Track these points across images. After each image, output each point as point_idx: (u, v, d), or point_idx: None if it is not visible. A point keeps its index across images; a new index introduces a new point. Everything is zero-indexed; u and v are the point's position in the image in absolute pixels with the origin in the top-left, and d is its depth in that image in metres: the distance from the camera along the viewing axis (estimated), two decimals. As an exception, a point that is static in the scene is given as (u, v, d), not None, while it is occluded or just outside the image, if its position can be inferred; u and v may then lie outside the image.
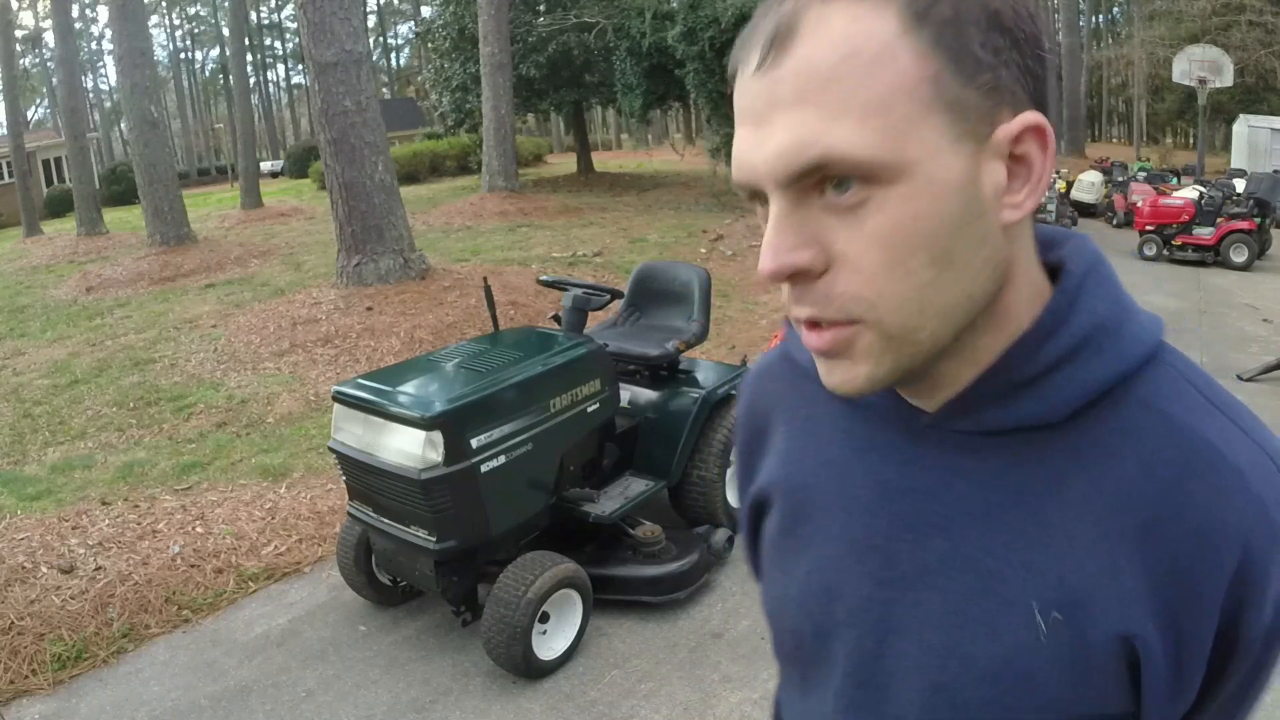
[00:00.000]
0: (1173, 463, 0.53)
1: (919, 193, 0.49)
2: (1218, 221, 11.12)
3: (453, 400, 2.77)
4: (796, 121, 0.49)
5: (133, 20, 12.42)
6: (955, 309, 0.53)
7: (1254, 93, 24.12)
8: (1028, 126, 0.52)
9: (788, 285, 0.53)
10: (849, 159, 0.48)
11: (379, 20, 63.14)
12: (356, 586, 3.29)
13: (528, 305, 7.55)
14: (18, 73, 25.71)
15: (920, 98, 0.49)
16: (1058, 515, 0.56)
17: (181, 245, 12.25)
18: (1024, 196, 0.53)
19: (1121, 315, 0.57)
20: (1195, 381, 0.57)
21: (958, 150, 0.50)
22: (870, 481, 0.63)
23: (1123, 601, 0.54)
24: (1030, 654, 0.55)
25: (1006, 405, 0.57)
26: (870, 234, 0.50)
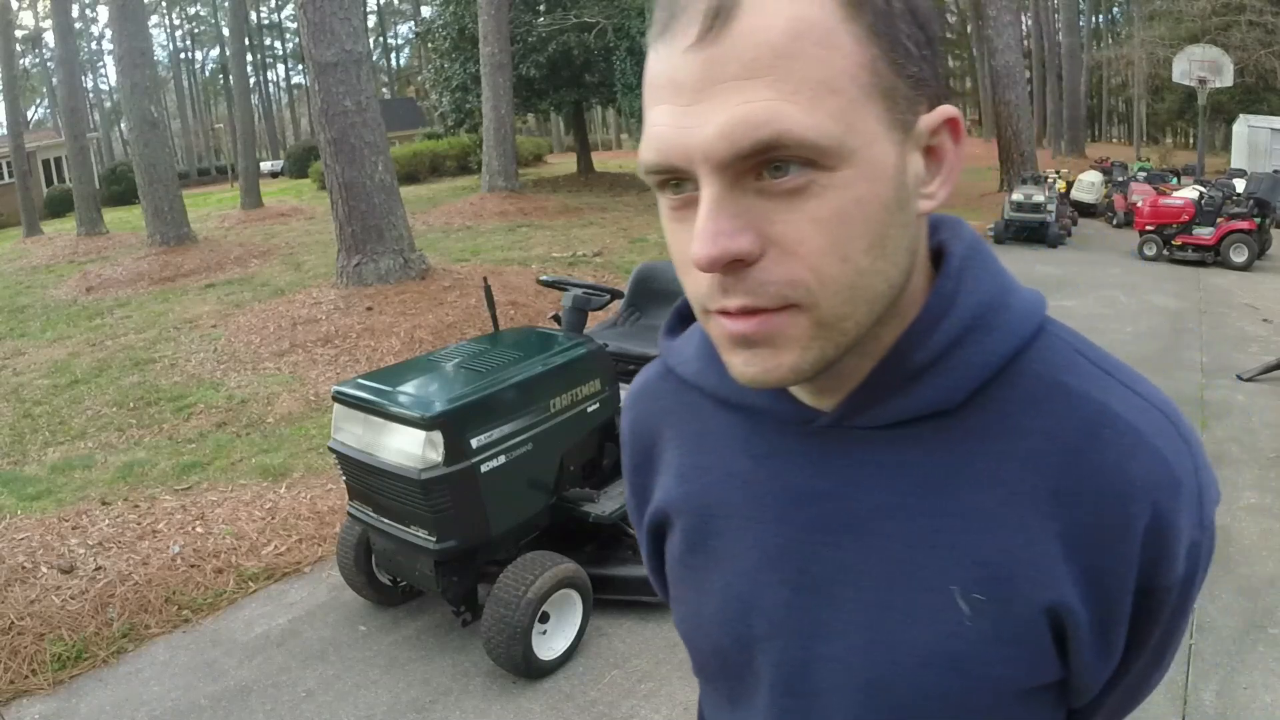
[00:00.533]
0: (1074, 430, 0.54)
1: (861, 178, 0.48)
2: (1218, 221, 11.12)
3: (453, 400, 2.77)
4: (744, 98, 0.46)
5: (133, 20, 12.42)
6: (880, 297, 0.52)
7: (1254, 93, 24.13)
8: (946, 118, 0.52)
9: (714, 277, 0.50)
10: (803, 140, 0.46)
11: (379, 20, 63.13)
12: (356, 586, 3.29)
13: (528, 305, 7.55)
14: (18, 73, 25.70)
15: (861, 83, 0.48)
16: (968, 496, 0.56)
17: (181, 245, 12.26)
18: (937, 186, 0.54)
19: (1005, 293, 0.58)
20: (1084, 350, 0.58)
21: (891, 138, 0.50)
22: (775, 488, 0.62)
23: (1043, 572, 0.54)
24: (958, 637, 0.56)
25: (904, 395, 0.56)
26: (812, 218, 0.48)
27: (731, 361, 0.54)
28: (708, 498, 0.66)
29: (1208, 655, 2.82)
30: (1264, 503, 3.95)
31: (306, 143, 36.01)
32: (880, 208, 0.50)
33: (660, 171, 0.51)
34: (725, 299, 0.50)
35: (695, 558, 0.67)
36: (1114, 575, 0.54)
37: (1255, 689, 2.66)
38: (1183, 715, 2.54)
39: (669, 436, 0.70)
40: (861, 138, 0.48)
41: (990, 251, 0.60)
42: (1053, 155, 30.02)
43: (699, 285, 0.52)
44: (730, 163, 0.47)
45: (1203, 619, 3.03)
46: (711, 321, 0.53)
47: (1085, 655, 0.57)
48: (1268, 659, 2.80)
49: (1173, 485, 0.54)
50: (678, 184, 0.51)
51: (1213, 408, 5.30)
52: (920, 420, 0.57)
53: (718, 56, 0.47)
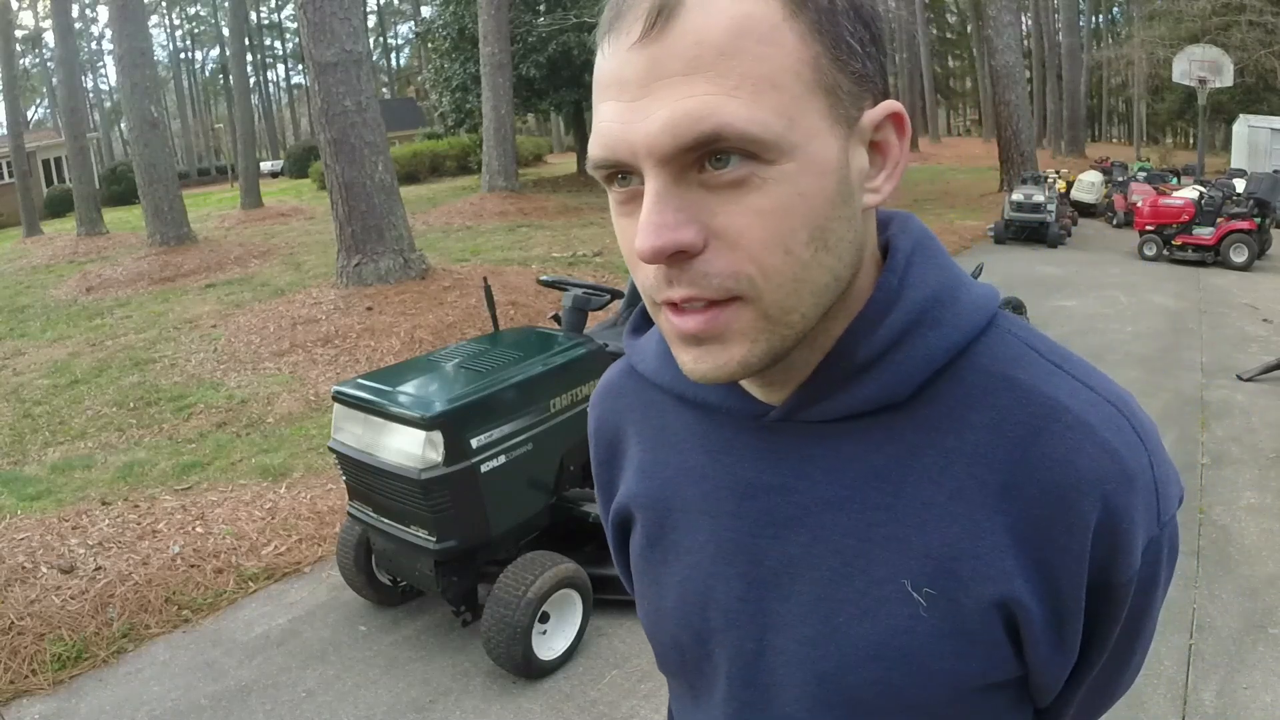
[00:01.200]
0: (1021, 424, 0.54)
1: (802, 172, 0.49)
2: (1218, 221, 11.12)
3: (453, 400, 2.77)
4: (686, 94, 0.47)
5: (133, 20, 12.42)
6: (826, 290, 0.53)
7: (1254, 93, 24.13)
8: (890, 113, 0.53)
9: (659, 268, 0.51)
10: (745, 134, 0.47)
11: (379, 20, 63.12)
12: (356, 586, 3.29)
13: (528, 305, 7.55)
14: (18, 73, 25.70)
15: (804, 79, 0.49)
16: (915, 490, 0.56)
17: (181, 245, 12.26)
18: (882, 181, 0.54)
19: (954, 286, 0.58)
20: (1035, 345, 0.58)
21: (834, 133, 0.50)
22: (729, 483, 0.62)
23: (991, 566, 0.54)
24: (909, 630, 0.56)
25: (850, 390, 0.56)
26: (754, 210, 0.49)
27: (682, 359, 0.54)
28: (666, 493, 0.67)
29: (1208, 655, 2.82)
30: (1264, 503, 3.95)
31: (306, 143, 36.02)
32: (823, 201, 0.50)
33: (606, 166, 0.51)
34: (670, 290, 0.51)
35: (655, 553, 0.68)
36: (1065, 571, 0.54)
37: (1255, 689, 2.66)
38: (1183, 715, 2.54)
39: (632, 434, 0.71)
40: (803, 132, 0.49)
41: (939, 246, 0.61)
42: (1053, 155, 30.02)
43: (646, 278, 0.52)
44: (673, 156, 0.48)
45: (1203, 619, 3.03)
46: (661, 316, 0.54)
47: (1041, 651, 0.56)
48: (1268, 659, 2.80)
49: (1124, 479, 0.53)
50: (624, 178, 0.52)
51: (1213, 408, 5.30)
52: (868, 414, 0.57)
53: (661, 54, 0.47)
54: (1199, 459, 4.47)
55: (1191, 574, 3.32)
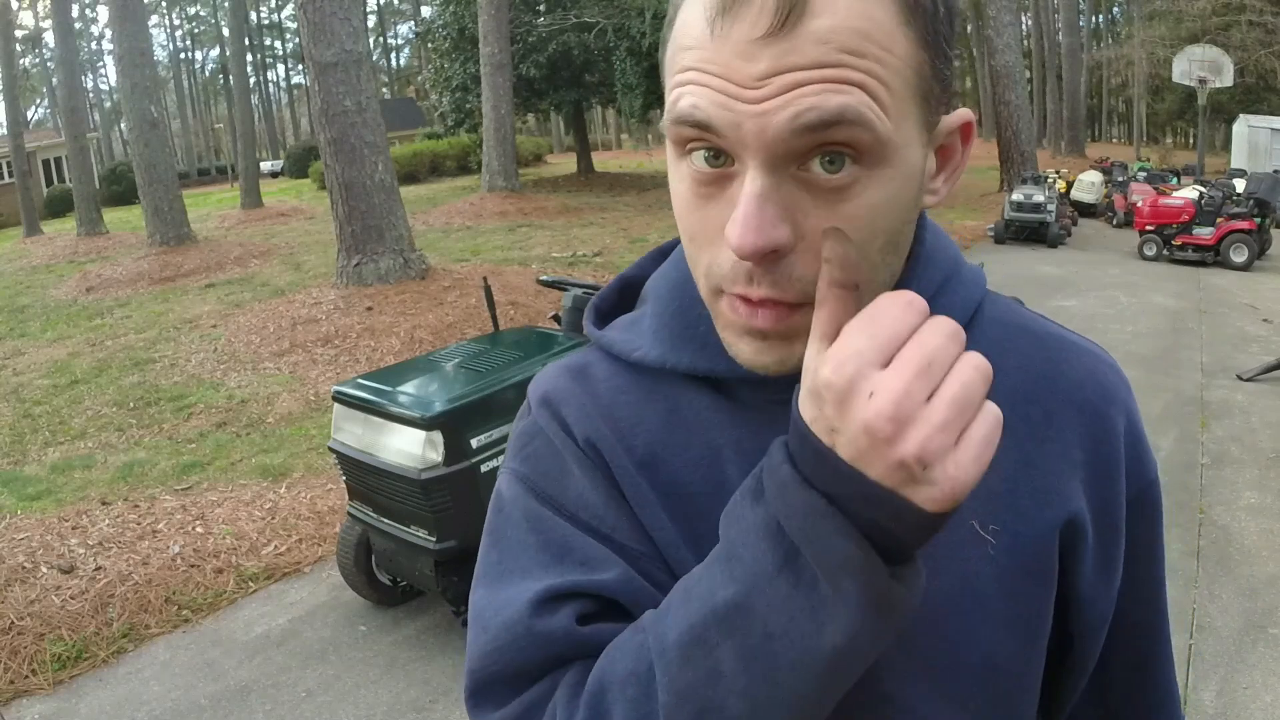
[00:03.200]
0: (1045, 359, 0.61)
1: (895, 179, 0.49)
2: (1218, 221, 11.12)
3: (453, 400, 2.77)
4: (808, 80, 0.46)
5: (133, 20, 12.42)
6: (884, 288, 0.53)
7: (1254, 93, 24.14)
8: (964, 122, 0.55)
9: (744, 264, 0.49)
10: (868, 124, 0.46)
11: (379, 20, 63.15)
12: (356, 586, 3.29)
13: (528, 305, 7.55)
14: (18, 73, 25.71)
15: (910, 86, 0.49)
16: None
17: (181, 245, 12.26)
18: (942, 184, 0.56)
19: (962, 256, 0.64)
20: (1021, 304, 0.67)
21: (921, 139, 0.51)
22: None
23: (1051, 492, 0.57)
24: (984, 567, 0.57)
25: None
26: (845, 216, 0.48)
27: (739, 347, 0.53)
28: (690, 476, 0.61)
29: (1208, 655, 2.82)
30: (1264, 503, 3.95)
31: (306, 143, 36.02)
32: (903, 208, 0.51)
33: (697, 126, 0.48)
34: (749, 287, 0.50)
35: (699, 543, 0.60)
36: (1110, 480, 0.59)
37: (1255, 689, 2.66)
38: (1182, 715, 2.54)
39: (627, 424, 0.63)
40: (905, 137, 0.49)
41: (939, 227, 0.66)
42: (1053, 155, 30.02)
43: (719, 265, 0.51)
44: (786, 140, 0.46)
45: (1203, 619, 3.03)
46: (725, 301, 0.52)
47: (1093, 570, 0.59)
48: (1268, 659, 2.80)
49: (1129, 390, 0.63)
50: (712, 153, 0.49)
51: (1213, 408, 5.30)
52: None
53: (788, 48, 0.46)
54: (1199, 459, 4.47)
55: (1191, 574, 3.32)
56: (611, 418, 0.64)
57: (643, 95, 19.10)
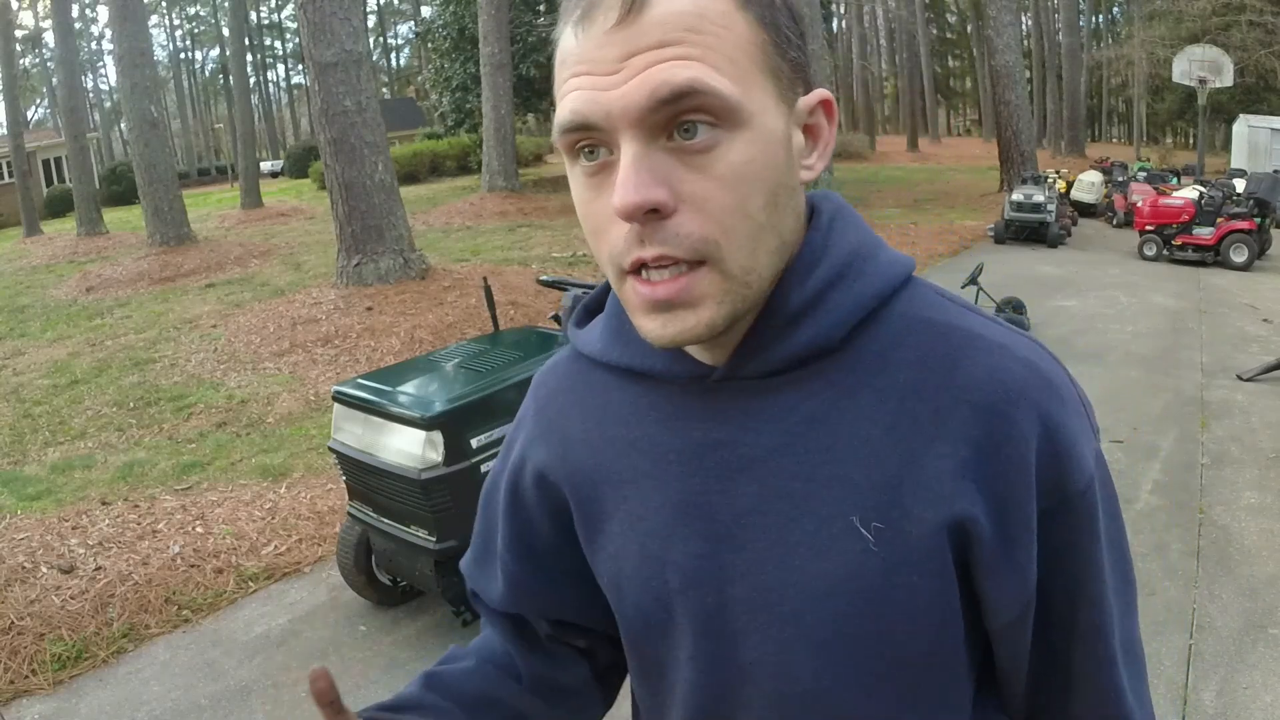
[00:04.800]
0: (943, 355, 0.59)
1: (758, 140, 0.55)
2: (1218, 221, 11.12)
3: (453, 400, 2.77)
4: (659, 59, 0.52)
5: (133, 20, 12.42)
6: (777, 252, 0.58)
7: (1254, 93, 24.14)
8: (821, 99, 0.60)
9: (632, 229, 0.55)
10: (715, 90, 0.52)
11: (379, 20, 63.14)
12: (356, 586, 3.29)
13: (528, 305, 7.55)
14: (18, 73, 25.71)
15: (755, 60, 0.55)
16: (852, 428, 0.59)
17: (181, 245, 12.26)
18: (815, 159, 0.60)
19: (873, 245, 0.64)
20: (947, 296, 0.64)
21: (779, 110, 0.57)
22: (679, 446, 0.65)
23: (934, 491, 0.57)
24: (861, 565, 0.58)
25: (785, 340, 0.60)
26: (718, 176, 0.54)
27: (648, 326, 0.58)
28: (613, 464, 0.69)
29: (1208, 655, 2.82)
30: (1264, 503, 3.95)
31: (306, 143, 36.01)
32: (774, 168, 0.56)
33: (577, 130, 0.55)
34: (641, 249, 0.55)
35: (603, 526, 0.70)
36: (1010, 484, 0.56)
37: (1255, 689, 2.66)
38: (1183, 715, 2.54)
39: (575, 413, 0.73)
40: (757, 104, 0.55)
41: (858, 215, 0.66)
42: (1053, 155, 30.02)
43: (615, 243, 0.56)
44: (648, 113, 0.53)
45: (1202, 619, 3.03)
46: (626, 285, 0.58)
47: (994, 575, 0.58)
48: (1268, 659, 2.80)
49: (1051, 389, 0.58)
50: (591, 150, 0.56)
51: (1213, 408, 5.30)
52: (803, 365, 0.61)
53: (635, 33, 0.53)
54: (1199, 459, 4.47)
55: (1191, 574, 3.32)
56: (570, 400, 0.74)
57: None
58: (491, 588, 0.82)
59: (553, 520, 0.76)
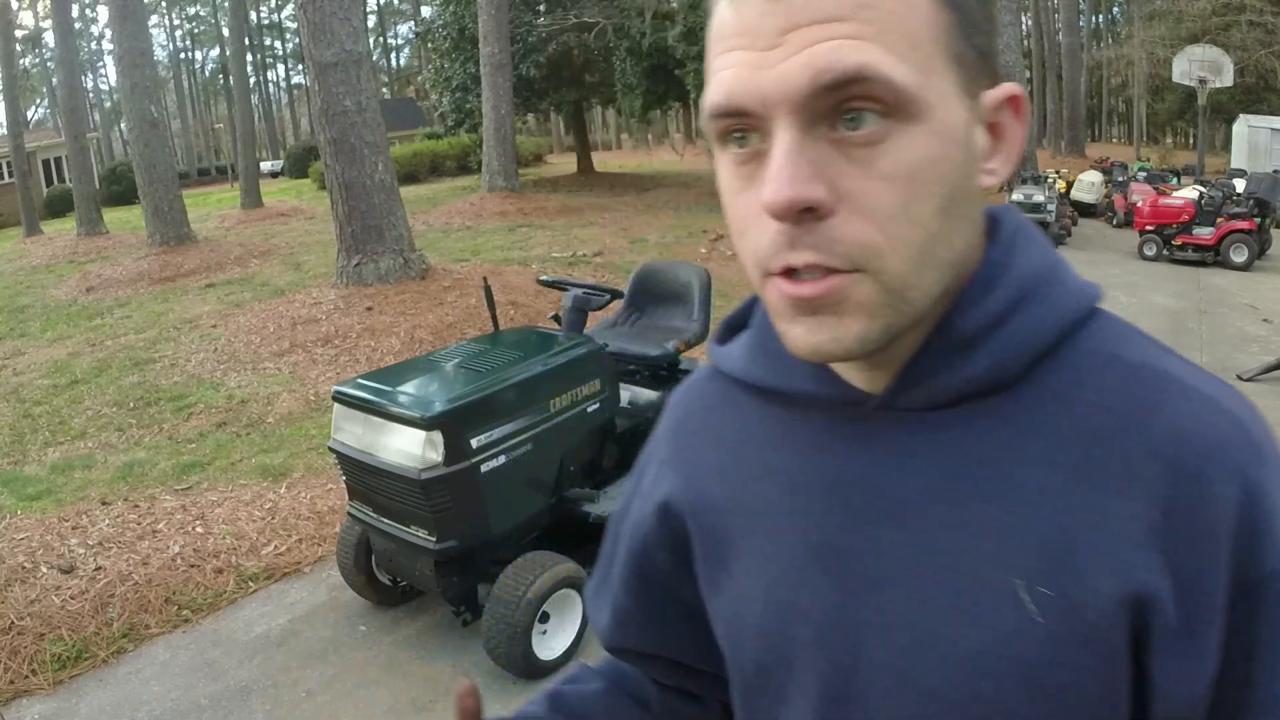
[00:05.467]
0: (1136, 399, 0.50)
1: (935, 135, 0.48)
2: (1218, 221, 11.12)
3: (453, 400, 2.77)
4: (827, 34, 0.46)
5: (133, 20, 12.42)
6: (947, 266, 0.51)
7: (1254, 93, 24.14)
8: (1010, 95, 0.53)
9: (782, 229, 0.48)
10: (887, 78, 0.46)
11: (379, 20, 63.15)
12: (356, 586, 3.29)
13: (528, 305, 7.55)
14: (18, 73, 25.71)
15: (938, 43, 0.48)
16: (1025, 477, 0.51)
17: (181, 245, 12.25)
18: (999, 164, 0.53)
19: (1058, 267, 0.56)
20: (1140, 332, 0.55)
21: (961, 103, 0.50)
22: (820, 481, 0.58)
23: (1116, 556, 0.48)
24: (1023, 638, 0.49)
25: (955, 369, 0.53)
26: (884, 174, 0.47)
27: (792, 332, 0.51)
28: (748, 498, 0.62)
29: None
30: (1264, 503, 3.95)
31: (306, 143, 36.02)
32: (952, 169, 0.49)
33: (728, 114, 0.49)
34: (791, 253, 0.48)
35: (726, 564, 0.63)
36: (1201, 557, 0.47)
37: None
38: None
39: (708, 438, 0.67)
40: (936, 94, 0.48)
41: (1040, 234, 0.58)
42: (1053, 155, 30.01)
43: (761, 243, 0.49)
44: (809, 99, 0.46)
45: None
46: (770, 286, 0.51)
47: (1170, 660, 0.48)
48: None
49: (1258, 452, 0.49)
50: (742, 136, 0.50)
51: (1213, 408, 5.30)
52: (972, 399, 0.53)
53: (799, 4, 0.46)
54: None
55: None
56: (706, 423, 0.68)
57: (643, 95, 19.10)
58: (599, 619, 0.76)
59: (672, 554, 0.68)
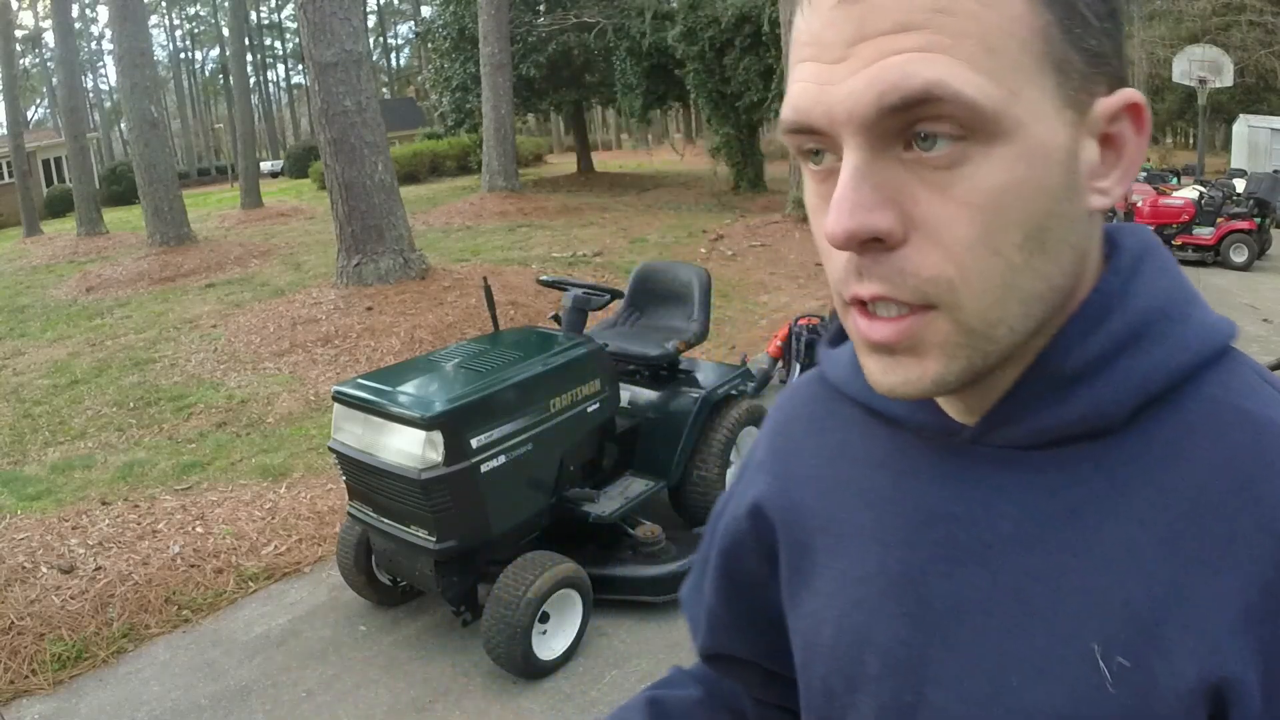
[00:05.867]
0: (1259, 461, 0.44)
1: (1021, 158, 0.43)
2: (1218, 221, 11.13)
3: (453, 400, 2.77)
4: (897, 48, 0.42)
5: (133, 20, 12.42)
6: (1039, 301, 0.46)
7: (1254, 93, 24.13)
8: (1128, 103, 0.46)
9: (850, 257, 0.45)
10: (960, 96, 0.41)
11: (379, 20, 63.16)
12: (356, 586, 3.29)
13: (528, 305, 7.55)
14: (18, 73, 25.71)
15: (1031, 50, 0.43)
16: (1120, 533, 0.46)
17: (181, 245, 12.25)
18: (1113, 182, 0.47)
19: (1186, 302, 0.49)
20: (1274, 382, 0.48)
21: (1062, 117, 0.44)
22: (908, 509, 0.54)
23: (1206, 638, 0.43)
24: (1093, 706, 0.45)
25: (1055, 406, 0.48)
26: (960, 201, 0.43)
27: (869, 367, 0.49)
28: (837, 515, 0.59)
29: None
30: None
31: (306, 143, 36.02)
32: (1043, 194, 0.44)
33: (798, 131, 0.46)
34: (859, 285, 0.45)
35: (809, 580, 0.61)
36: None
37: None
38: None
39: (806, 446, 0.64)
40: (1026, 109, 0.42)
41: (1171, 259, 0.51)
42: (1053, 155, 29.98)
43: (834, 269, 0.47)
44: (876, 121, 0.42)
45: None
46: (848, 316, 0.48)
47: None
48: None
49: None
50: (818, 153, 0.47)
51: (1213, 408, 5.30)
52: (1072, 441, 0.48)
53: (867, 11, 0.42)
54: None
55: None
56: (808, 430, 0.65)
57: (643, 95, 19.10)
58: (694, 622, 0.74)
59: (761, 558, 0.66)
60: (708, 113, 17.45)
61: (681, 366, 3.89)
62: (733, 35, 15.68)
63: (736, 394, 3.80)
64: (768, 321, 7.56)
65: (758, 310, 8.09)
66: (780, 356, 5.85)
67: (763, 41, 15.01)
